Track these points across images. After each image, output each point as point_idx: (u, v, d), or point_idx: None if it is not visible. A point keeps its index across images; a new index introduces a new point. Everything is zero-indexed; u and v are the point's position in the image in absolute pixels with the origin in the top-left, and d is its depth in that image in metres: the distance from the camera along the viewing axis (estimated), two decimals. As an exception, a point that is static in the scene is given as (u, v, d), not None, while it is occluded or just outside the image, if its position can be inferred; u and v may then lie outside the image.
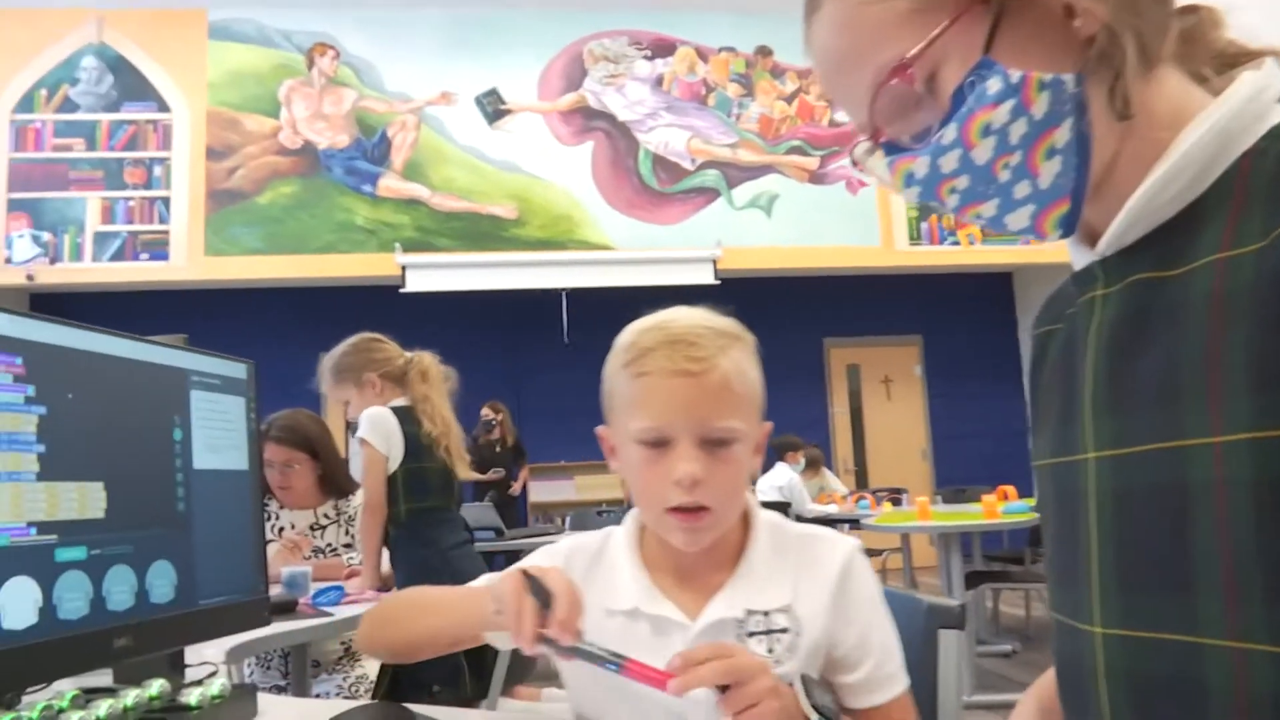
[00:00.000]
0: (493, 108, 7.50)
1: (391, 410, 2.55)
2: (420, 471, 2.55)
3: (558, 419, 7.73)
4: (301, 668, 2.12)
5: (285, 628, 1.80)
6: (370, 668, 2.47)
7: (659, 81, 7.72)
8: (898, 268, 7.86)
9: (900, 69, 0.60)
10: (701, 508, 0.87)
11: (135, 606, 1.03)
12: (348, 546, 2.63)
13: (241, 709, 1.08)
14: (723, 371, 0.88)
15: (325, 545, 2.61)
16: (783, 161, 7.71)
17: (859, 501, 5.90)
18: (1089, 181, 0.60)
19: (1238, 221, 0.55)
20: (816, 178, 7.73)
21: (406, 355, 2.68)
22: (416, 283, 7.18)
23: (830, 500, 6.15)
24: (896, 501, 6.33)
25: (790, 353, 7.95)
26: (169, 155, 7.09)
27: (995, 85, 0.58)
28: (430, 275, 7.24)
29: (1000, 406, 8.28)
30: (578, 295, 7.60)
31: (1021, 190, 0.60)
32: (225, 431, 1.23)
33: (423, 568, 2.47)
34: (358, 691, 2.40)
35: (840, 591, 0.91)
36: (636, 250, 7.39)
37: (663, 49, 7.76)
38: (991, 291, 8.78)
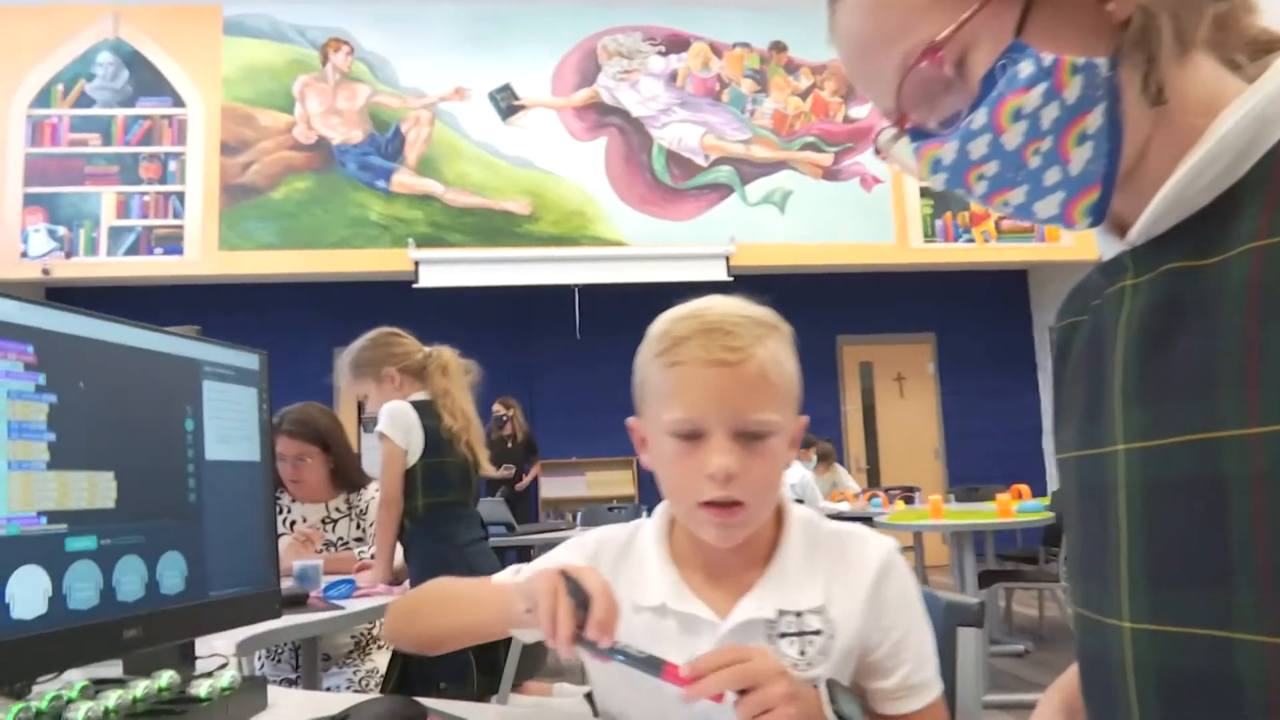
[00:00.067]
0: (506, 103, 7.49)
1: (411, 404, 2.54)
2: (440, 466, 2.54)
3: (569, 415, 7.75)
4: (312, 661, 2.12)
5: (296, 621, 1.80)
6: (381, 661, 2.47)
7: (673, 77, 7.70)
8: (912, 265, 7.81)
9: (930, 51, 0.59)
10: (735, 503, 0.85)
11: (145, 597, 1.03)
12: (359, 540, 2.63)
13: (251, 701, 1.07)
14: (759, 361, 0.86)
15: (336, 539, 2.61)
16: (797, 158, 7.68)
17: (871, 499, 5.89)
18: (1120, 169, 0.58)
19: (1275, 209, 0.53)
20: (830, 174, 7.70)
21: (425, 350, 2.67)
22: (430, 278, 7.19)
23: (843, 498, 6.13)
24: (909, 500, 6.32)
25: (803, 350, 7.83)
26: (184, 150, 7.12)
27: (1027, 68, 0.57)
28: (443, 271, 7.24)
29: (1014, 405, 8.24)
30: (590, 291, 7.60)
31: (1052, 177, 0.59)
32: (237, 422, 1.23)
33: (439, 563, 2.44)
34: (368, 685, 2.40)
35: (876, 593, 0.89)
36: (649, 246, 7.37)
37: (676, 44, 7.74)
38: (1006, 289, 8.72)
